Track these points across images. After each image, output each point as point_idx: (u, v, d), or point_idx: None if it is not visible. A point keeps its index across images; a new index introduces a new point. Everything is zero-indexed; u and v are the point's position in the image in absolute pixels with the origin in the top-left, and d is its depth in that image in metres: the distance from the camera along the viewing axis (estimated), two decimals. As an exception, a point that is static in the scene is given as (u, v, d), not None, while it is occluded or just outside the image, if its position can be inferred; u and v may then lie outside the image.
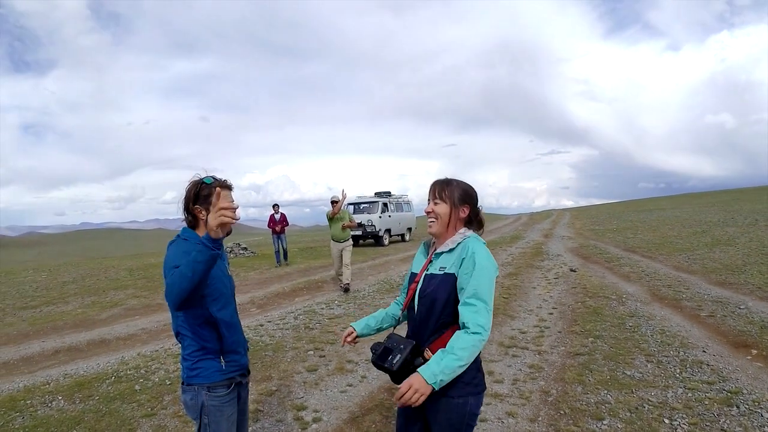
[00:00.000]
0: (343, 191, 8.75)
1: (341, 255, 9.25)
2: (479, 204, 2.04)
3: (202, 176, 2.10)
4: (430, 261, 2.00)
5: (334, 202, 9.06)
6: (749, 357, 4.67)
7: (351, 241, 9.52)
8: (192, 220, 2.09)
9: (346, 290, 9.28)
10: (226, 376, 2.05)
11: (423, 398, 1.64)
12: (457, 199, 1.97)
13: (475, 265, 1.80)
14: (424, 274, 1.99)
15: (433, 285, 1.90)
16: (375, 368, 1.90)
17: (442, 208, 1.96)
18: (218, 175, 2.17)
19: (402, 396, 1.64)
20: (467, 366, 1.71)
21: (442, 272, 1.90)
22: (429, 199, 2.02)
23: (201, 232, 2.06)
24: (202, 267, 1.71)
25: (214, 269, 1.93)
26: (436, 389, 1.66)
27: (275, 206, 14.20)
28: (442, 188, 1.99)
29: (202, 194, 2.06)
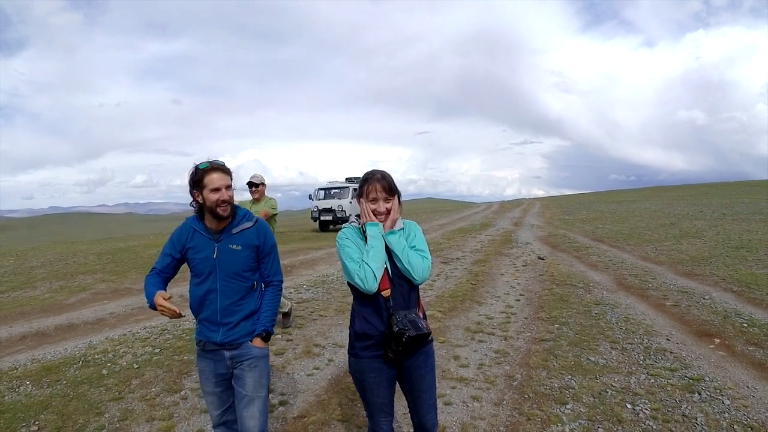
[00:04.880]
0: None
1: None
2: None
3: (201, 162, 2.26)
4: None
5: (252, 185, 5.68)
6: (712, 346, 4.80)
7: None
8: (198, 207, 2.28)
9: (286, 315, 5.92)
10: (198, 337, 2.42)
11: None
12: (396, 189, 2.25)
13: (416, 233, 2.28)
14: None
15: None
16: (394, 343, 2.10)
17: (395, 204, 2.23)
18: (195, 159, 2.26)
19: None
20: None
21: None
22: (376, 197, 2.19)
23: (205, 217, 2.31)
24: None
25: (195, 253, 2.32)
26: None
27: None
28: (390, 185, 2.22)
29: (196, 179, 2.23)
